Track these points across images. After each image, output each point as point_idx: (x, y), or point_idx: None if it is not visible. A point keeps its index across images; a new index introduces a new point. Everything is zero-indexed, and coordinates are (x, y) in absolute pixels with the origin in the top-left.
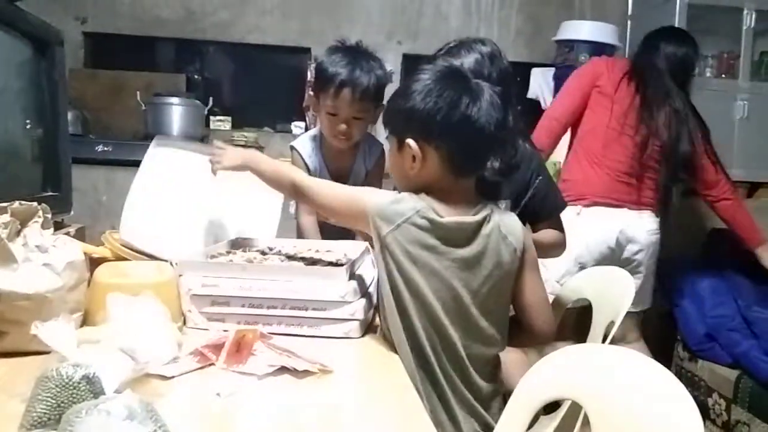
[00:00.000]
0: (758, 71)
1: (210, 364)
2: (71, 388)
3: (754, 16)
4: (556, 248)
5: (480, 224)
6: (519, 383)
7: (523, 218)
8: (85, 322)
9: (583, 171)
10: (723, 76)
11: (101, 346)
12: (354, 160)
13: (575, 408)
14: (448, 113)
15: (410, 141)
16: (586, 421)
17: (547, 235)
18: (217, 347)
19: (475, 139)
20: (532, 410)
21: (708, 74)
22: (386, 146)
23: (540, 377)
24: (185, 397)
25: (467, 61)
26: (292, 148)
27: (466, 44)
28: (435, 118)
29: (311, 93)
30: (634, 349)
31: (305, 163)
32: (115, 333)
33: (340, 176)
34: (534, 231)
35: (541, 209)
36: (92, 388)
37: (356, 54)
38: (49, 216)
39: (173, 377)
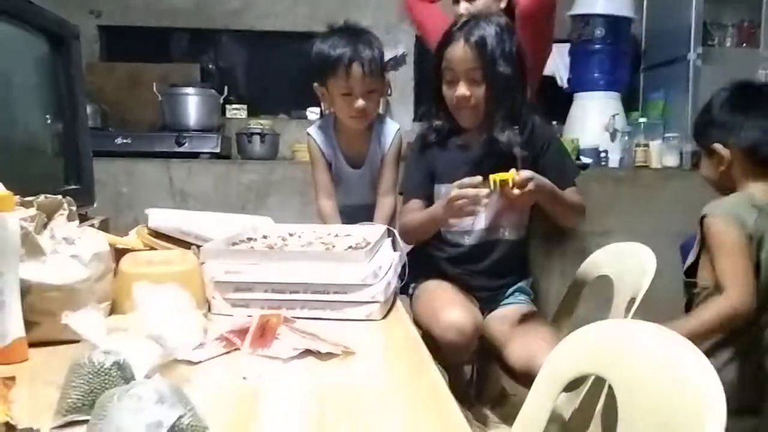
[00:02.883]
0: None
1: (235, 349)
2: (103, 374)
3: None
4: (577, 211)
5: None
6: (546, 359)
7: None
8: (113, 311)
9: None
10: (744, 45)
11: (130, 334)
12: (369, 144)
13: (597, 385)
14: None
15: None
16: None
17: (571, 195)
18: (242, 332)
19: None
20: (560, 386)
21: (728, 44)
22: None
23: (568, 353)
24: (212, 381)
25: (487, 33)
26: (308, 134)
27: (482, 17)
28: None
29: (316, 84)
30: None
31: (321, 150)
32: (143, 321)
33: (356, 161)
34: None
35: (555, 174)
36: (123, 374)
37: (351, 32)
38: (74, 209)
39: (200, 362)
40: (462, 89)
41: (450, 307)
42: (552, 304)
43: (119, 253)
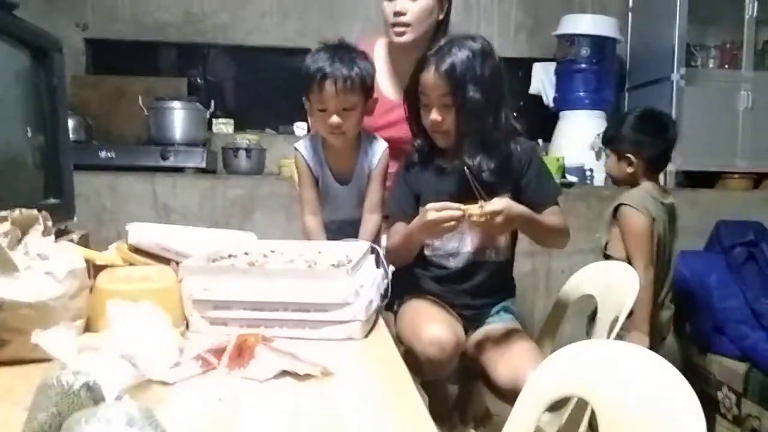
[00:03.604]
0: (762, 61)
1: (212, 369)
2: (72, 396)
3: (756, 5)
4: (560, 234)
5: None
6: (528, 379)
7: (526, 206)
8: (88, 328)
9: None
10: (726, 66)
11: (102, 353)
12: (356, 160)
13: (581, 405)
14: None
15: None
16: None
17: (552, 217)
18: (219, 351)
19: None
20: (543, 406)
21: (711, 65)
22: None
23: (551, 373)
24: (187, 402)
25: (458, 60)
26: (296, 149)
27: (456, 42)
28: None
29: (304, 98)
30: None
31: (308, 166)
32: (116, 340)
33: (344, 177)
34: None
35: (536, 195)
36: (93, 395)
37: (337, 49)
38: (50, 223)
39: (175, 383)
40: (434, 114)
41: (431, 323)
42: (537, 323)
43: (98, 269)
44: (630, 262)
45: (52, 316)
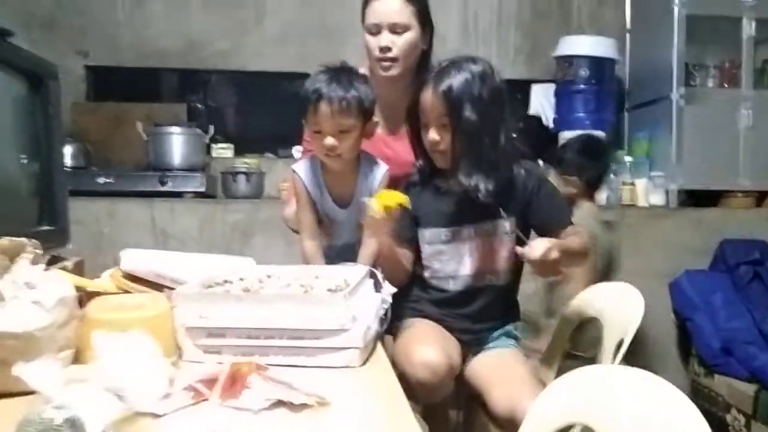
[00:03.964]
0: (761, 79)
1: (204, 400)
2: (53, 431)
3: (753, 24)
4: (588, 251)
5: None
6: (531, 407)
7: (539, 231)
8: (77, 359)
9: None
10: (725, 85)
11: (87, 386)
12: (355, 183)
13: None
14: None
15: None
16: None
17: (575, 237)
18: (211, 381)
19: None
20: None
21: (710, 84)
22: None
23: (553, 401)
24: None
25: (456, 81)
26: (294, 171)
27: (456, 64)
28: None
29: (304, 120)
30: None
31: (306, 189)
32: (103, 371)
33: (343, 201)
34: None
35: (551, 220)
36: (76, 431)
37: (337, 71)
38: (39, 251)
39: (164, 415)
40: (432, 134)
41: (424, 345)
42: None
43: (91, 297)
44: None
45: (39, 347)
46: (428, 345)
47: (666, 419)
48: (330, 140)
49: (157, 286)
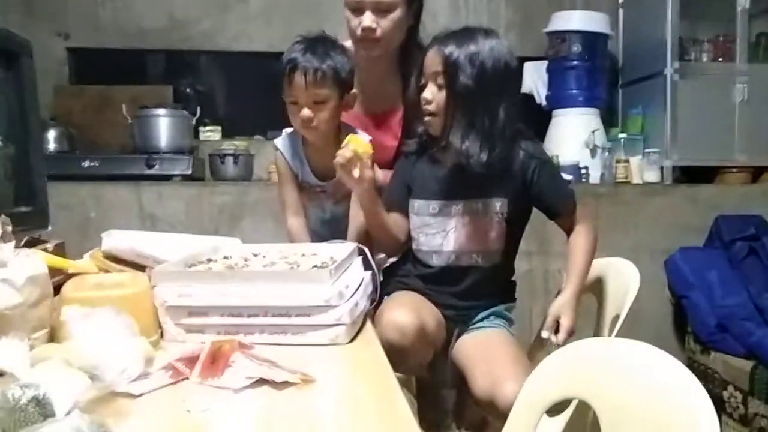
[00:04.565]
0: (756, 53)
1: (183, 379)
2: (18, 411)
3: None
4: (593, 246)
5: None
6: (526, 382)
7: (544, 213)
8: (52, 339)
9: None
10: (720, 59)
11: (58, 365)
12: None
13: (582, 410)
14: None
15: None
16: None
17: (578, 235)
18: (192, 360)
19: None
20: (542, 409)
21: (704, 59)
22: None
23: (549, 374)
24: (153, 415)
25: (461, 43)
26: (276, 147)
27: (469, 30)
28: None
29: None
30: None
31: (288, 164)
32: (75, 350)
33: (325, 174)
34: (559, 224)
35: (553, 204)
36: (42, 410)
37: (313, 41)
38: (10, 228)
39: (141, 395)
40: (426, 92)
41: (396, 308)
42: (535, 326)
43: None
44: None
45: (10, 326)
46: (400, 308)
47: (665, 389)
48: (306, 112)
49: (139, 267)
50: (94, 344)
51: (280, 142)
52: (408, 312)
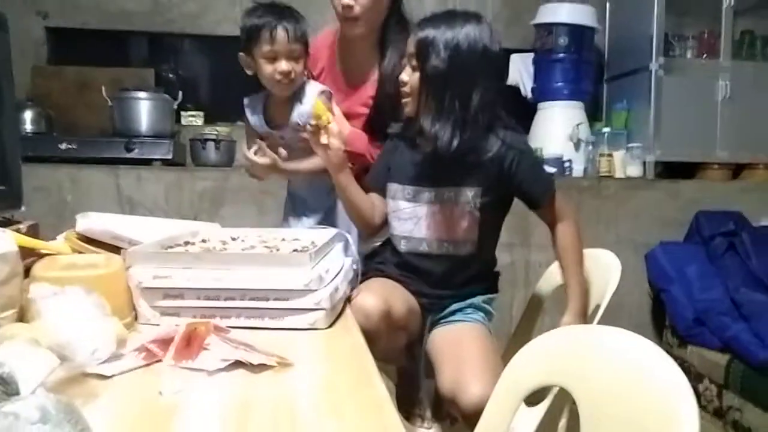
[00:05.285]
0: (740, 50)
1: (157, 361)
2: None
3: None
4: (580, 244)
5: None
6: (506, 369)
7: (525, 204)
8: (21, 319)
9: None
10: (704, 56)
11: (24, 343)
12: (290, 113)
13: (560, 399)
14: None
15: None
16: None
17: (564, 238)
18: (166, 342)
19: None
20: (521, 397)
21: (689, 55)
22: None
23: (528, 361)
24: (124, 397)
25: (437, 26)
26: (244, 106)
27: (450, 13)
28: None
29: (242, 54)
30: None
31: (248, 119)
32: (44, 329)
33: (277, 122)
34: (540, 215)
35: (534, 194)
36: (6, 389)
37: (279, 7)
38: None
39: (113, 376)
40: (403, 74)
41: (365, 292)
42: (516, 318)
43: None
44: None
45: None
46: (367, 292)
47: (644, 373)
48: (286, 64)
49: (116, 250)
50: (64, 324)
51: (246, 100)
52: (374, 296)
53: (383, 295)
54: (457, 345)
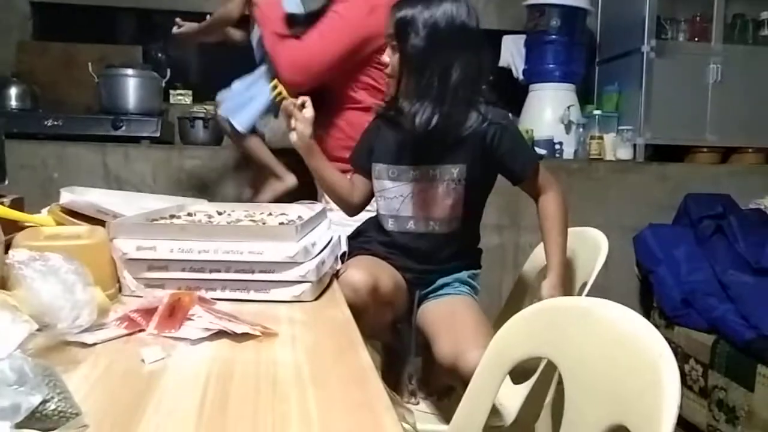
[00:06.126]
0: (731, 34)
1: (139, 330)
2: None
3: None
4: (564, 208)
5: None
6: (492, 341)
7: (509, 179)
8: (3, 287)
9: None
10: (696, 39)
11: (4, 310)
12: None
13: (547, 373)
14: None
15: None
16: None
17: (547, 208)
18: (149, 312)
19: None
20: (507, 367)
21: (681, 38)
22: None
23: (516, 332)
24: (105, 364)
25: (413, 5)
26: None
27: None
28: None
29: None
30: None
31: None
32: (24, 296)
33: None
34: (524, 188)
35: (517, 168)
36: None
37: None
38: None
39: (95, 344)
40: (384, 55)
41: (351, 268)
42: (504, 299)
43: None
44: None
45: None
46: (354, 268)
47: (628, 341)
48: None
49: (101, 224)
50: (44, 290)
51: None
52: (362, 271)
53: (370, 271)
54: (450, 315)
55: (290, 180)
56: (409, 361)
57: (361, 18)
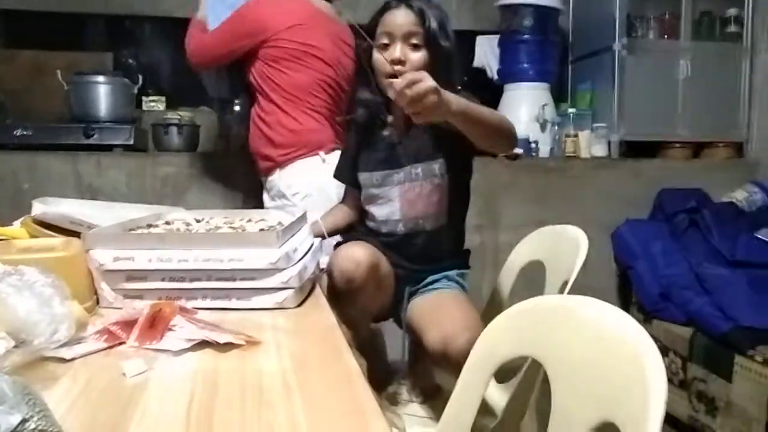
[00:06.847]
0: (698, 30)
1: (119, 343)
2: None
3: None
4: (503, 125)
5: None
6: (478, 340)
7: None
8: None
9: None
10: (665, 36)
11: None
12: None
13: (533, 372)
14: None
15: None
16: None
17: (490, 109)
18: (129, 324)
19: None
20: (493, 367)
21: (651, 35)
22: None
23: (502, 331)
24: (85, 379)
25: (429, 6)
26: None
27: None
28: None
29: None
30: None
31: None
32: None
33: None
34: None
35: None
36: None
37: None
38: None
39: (73, 359)
40: (397, 52)
41: (354, 245)
42: (485, 298)
43: None
44: None
45: None
46: (356, 245)
47: (613, 340)
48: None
49: (75, 236)
50: (20, 306)
51: None
52: (364, 248)
53: (371, 250)
54: (439, 308)
55: None
56: (394, 365)
57: (251, 7)
